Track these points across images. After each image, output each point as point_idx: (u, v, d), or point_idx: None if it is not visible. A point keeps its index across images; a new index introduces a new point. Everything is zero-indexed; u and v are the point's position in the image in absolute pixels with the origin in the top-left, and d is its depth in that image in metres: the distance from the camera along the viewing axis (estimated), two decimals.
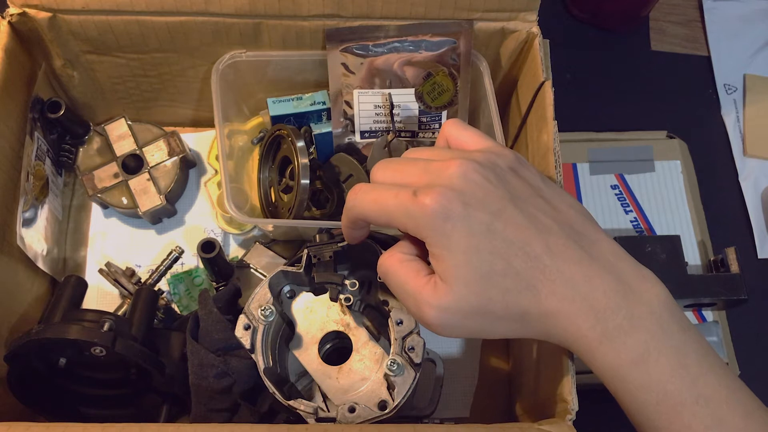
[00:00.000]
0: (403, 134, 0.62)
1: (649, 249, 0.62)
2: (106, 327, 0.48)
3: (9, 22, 0.54)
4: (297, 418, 0.46)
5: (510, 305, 0.38)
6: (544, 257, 0.38)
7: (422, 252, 0.42)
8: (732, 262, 0.62)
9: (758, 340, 0.67)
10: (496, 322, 0.39)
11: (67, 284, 0.54)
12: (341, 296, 0.50)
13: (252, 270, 0.61)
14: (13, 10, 0.54)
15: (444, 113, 0.61)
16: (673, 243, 0.63)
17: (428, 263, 0.41)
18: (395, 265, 0.41)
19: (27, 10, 0.54)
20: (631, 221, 0.69)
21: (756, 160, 0.75)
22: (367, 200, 0.41)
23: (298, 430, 0.41)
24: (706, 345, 0.39)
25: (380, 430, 0.44)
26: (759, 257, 0.71)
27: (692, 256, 0.67)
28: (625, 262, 0.40)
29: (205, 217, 0.66)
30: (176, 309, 0.61)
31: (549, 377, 0.47)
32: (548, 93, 0.54)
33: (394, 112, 0.61)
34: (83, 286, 0.55)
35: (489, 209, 0.38)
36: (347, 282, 0.50)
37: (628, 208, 0.69)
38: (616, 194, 0.70)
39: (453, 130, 0.44)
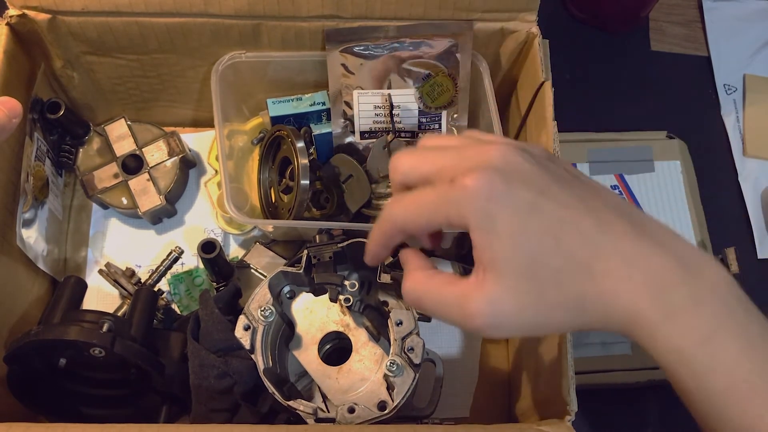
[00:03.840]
0: (402, 134, 0.62)
1: None
2: (105, 328, 0.49)
3: (8, 24, 0.54)
4: (297, 419, 0.46)
5: (564, 288, 0.35)
6: (596, 234, 0.35)
7: (433, 264, 0.40)
8: (732, 262, 0.62)
9: None
10: (552, 312, 0.35)
11: (67, 285, 0.54)
12: (341, 297, 0.50)
13: (252, 270, 0.61)
14: (12, 11, 0.54)
15: (444, 113, 0.61)
16: None
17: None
18: (424, 284, 0.38)
19: (27, 11, 0.54)
20: None
21: (756, 160, 0.75)
22: (405, 204, 0.37)
23: (297, 431, 0.41)
24: None
25: (380, 430, 0.44)
26: (759, 257, 0.71)
27: None
28: (683, 242, 0.36)
29: (205, 218, 0.66)
30: (176, 309, 0.61)
31: (549, 378, 0.47)
32: (548, 93, 0.54)
33: (393, 112, 0.61)
34: (82, 286, 0.55)
35: (533, 187, 0.35)
36: (347, 282, 0.50)
37: None
38: None
39: (475, 133, 0.41)
